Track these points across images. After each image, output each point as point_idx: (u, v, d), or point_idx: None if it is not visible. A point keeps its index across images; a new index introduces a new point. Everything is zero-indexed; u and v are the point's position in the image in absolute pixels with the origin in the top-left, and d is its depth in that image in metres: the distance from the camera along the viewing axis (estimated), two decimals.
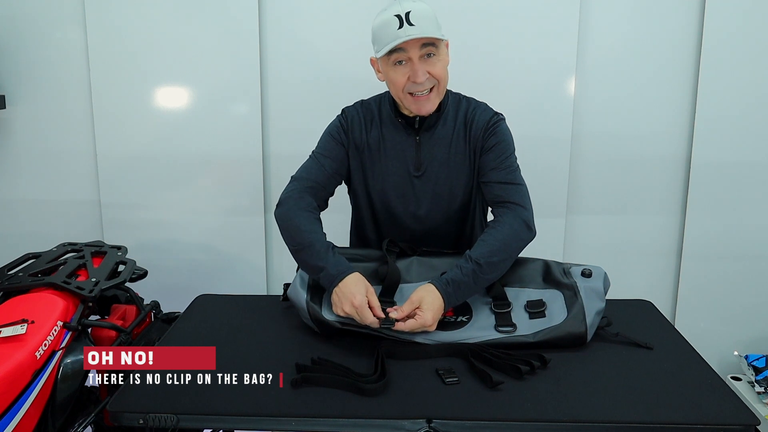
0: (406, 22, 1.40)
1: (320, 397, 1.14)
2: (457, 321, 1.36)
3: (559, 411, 1.11)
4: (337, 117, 1.63)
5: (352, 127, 1.58)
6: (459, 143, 1.56)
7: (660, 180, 2.35)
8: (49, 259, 1.73)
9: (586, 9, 2.22)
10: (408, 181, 1.57)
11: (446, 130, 1.56)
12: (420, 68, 1.44)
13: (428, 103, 1.49)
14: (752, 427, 1.08)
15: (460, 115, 1.57)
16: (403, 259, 1.48)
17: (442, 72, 1.48)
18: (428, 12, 1.44)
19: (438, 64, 1.46)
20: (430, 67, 1.45)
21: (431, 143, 1.55)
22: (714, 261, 2.36)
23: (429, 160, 1.56)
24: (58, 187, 2.40)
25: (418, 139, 1.55)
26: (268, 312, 1.52)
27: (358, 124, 1.58)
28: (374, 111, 1.59)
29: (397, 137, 1.57)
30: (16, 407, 1.25)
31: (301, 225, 1.46)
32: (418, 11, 1.41)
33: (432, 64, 1.45)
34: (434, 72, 1.46)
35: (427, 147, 1.55)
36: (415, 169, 1.56)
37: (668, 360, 1.29)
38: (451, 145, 1.55)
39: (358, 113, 1.60)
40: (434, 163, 1.56)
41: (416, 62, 1.43)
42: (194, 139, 2.33)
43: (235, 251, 2.40)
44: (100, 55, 2.27)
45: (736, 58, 2.22)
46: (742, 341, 2.40)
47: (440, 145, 1.55)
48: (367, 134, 1.58)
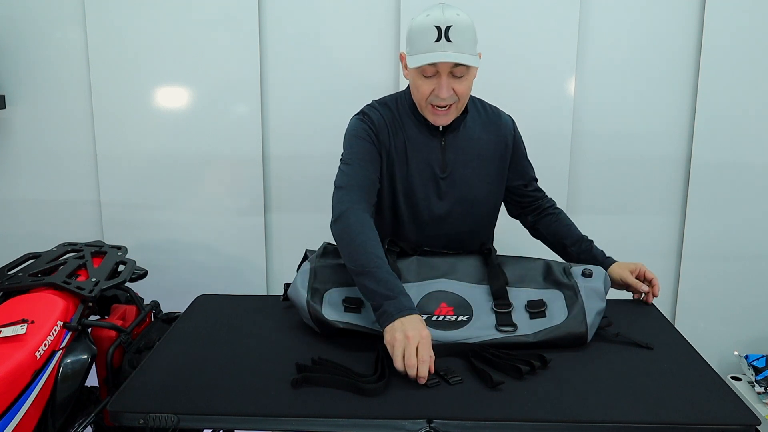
0: (444, 36, 1.37)
1: (320, 397, 1.14)
2: (458, 321, 1.36)
3: (560, 411, 1.11)
4: (359, 119, 1.56)
5: (381, 128, 1.54)
6: (487, 147, 1.58)
7: (660, 180, 2.35)
8: (49, 259, 1.73)
9: (586, 9, 2.22)
10: (434, 182, 1.56)
11: (470, 132, 1.57)
12: (446, 85, 1.42)
13: (446, 117, 1.49)
14: (752, 427, 1.08)
15: (482, 118, 1.59)
16: (403, 259, 1.48)
17: (466, 91, 1.47)
18: (468, 28, 1.40)
19: (465, 83, 1.45)
20: (457, 85, 1.43)
21: (456, 145, 1.56)
22: (714, 261, 2.36)
23: (454, 162, 1.56)
24: (58, 187, 2.40)
25: (443, 141, 1.55)
26: (268, 312, 1.52)
27: (384, 127, 1.54)
28: (395, 113, 1.56)
29: (421, 139, 1.55)
30: (16, 407, 1.25)
31: (367, 245, 1.33)
32: (460, 27, 1.38)
33: (459, 83, 1.44)
34: (459, 90, 1.45)
35: (452, 149, 1.55)
36: (441, 170, 1.56)
37: (668, 360, 1.29)
38: (478, 147, 1.57)
39: (380, 116, 1.55)
40: (459, 165, 1.56)
41: (444, 78, 1.41)
42: (194, 139, 2.33)
43: (235, 251, 2.40)
44: (100, 55, 2.27)
45: (736, 58, 2.22)
46: (742, 341, 2.40)
47: (466, 147, 1.56)
48: (392, 137, 1.54)
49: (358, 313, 1.37)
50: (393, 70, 2.28)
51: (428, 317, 1.36)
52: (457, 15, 1.40)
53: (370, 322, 1.34)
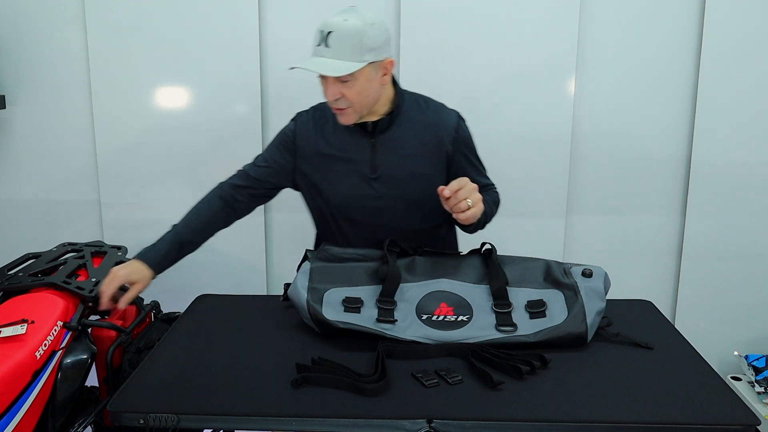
0: (324, 42, 1.37)
1: (320, 397, 1.14)
2: (458, 320, 1.36)
3: (560, 411, 1.11)
4: (290, 122, 1.61)
5: (304, 134, 1.57)
6: (421, 146, 1.54)
7: (660, 180, 2.35)
8: (49, 259, 1.73)
9: (586, 9, 2.22)
10: (366, 182, 1.54)
11: (404, 132, 1.53)
12: (332, 89, 1.41)
13: (344, 117, 1.47)
14: (752, 427, 1.08)
15: (421, 117, 1.55)
16: (403, 258, 1.48)
17: (355, 95, 1.42)
18: (352, 34, 1.35)
19: (353, 88, 1.40)
20: (345, 89, 1.41)
21: (387, 145, 1.53)
22: (714, 261, 2.36)
23: (386, 163, 1.53)
24: (58, 187, 2.40)
25: (373, 141, 1.53)
26: (268, 312, 1.52)
27: (309, 131, 1.56)
28: (328, 115, 1.55)
29: (350, 140, 1.54)
30: (16, 407, 1.25)
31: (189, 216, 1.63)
32: (341, 32, 1.35)
33: (347, 87, 1.40)
34: (347, 94, 1.41)
35: (383, 149, 1.53)
36: (371, 171, 1.54)
37: (668, 360, 1.29)
38: (411, 146, 1.53)
39: (309, 119, 1.58)
40: (390, 165, 1.53)
41: (329, 82, 1.41)
42: (194, 139, 2.33)
43: (235, 251, 2.40)
44: (100, 55, 2.27)
45: (736, 58, 2.22)
46: (742, 341, 2.40)
47: (398, 146, 1.53)
48: (320, 140, 1.55)
49: (358, 313, 1.37)
50: None
51: (428, 317, 1.36)
52: (344, 20, 1.36)
53: (370, 322, 1.34)
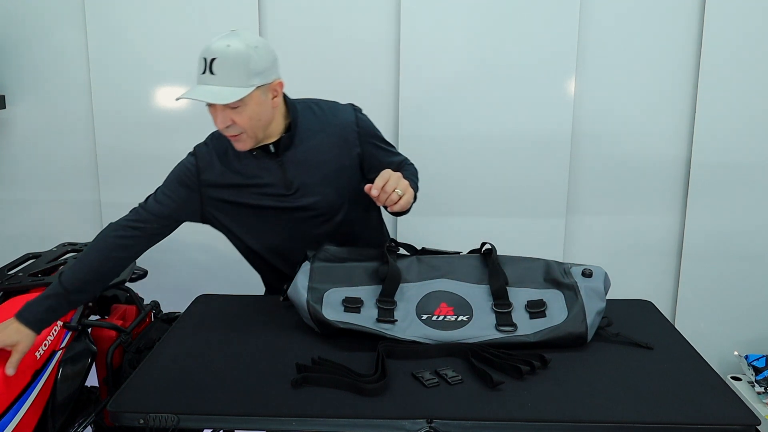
0: (208, 69, 1.31)
1: (320, 397, 1.14)
2: (458, 320, 1.36)
3: (560, 411, 1.11)
4: (188, 157, 1.54)
5: (208, 167, 1.50)
6: (329, 150, 1.51)
7: (660, 180, 2.35)
8: (49, 259, 1.73)
9: (586, 9, 2.22)
10: (284, 201, 1.51)
11: (308, 143, 1.50)
12: (221, 116, 1.35)
13: (240, 143, 1.42)
14: (752, 427, 1.08)
15: (319, 123, 1.52)
16: (403, 259, 1.48)
17: (247, 121, 1.36)
18: (237, 59, 1.30)
19: (243, 114, 1.35)
20: (235, 116, 1.35)
21: (295, 160, 1.50)
22: (714, 261, 2.36)
23: (299, 176, 1.50)
24: (58, 187, 2.40)
25: (280, 160, 1.49)
26: (268, 312, 1.52)
27: (216, 162, 1.50)
28: (226, 144, 1.48)
29: (258, 164, 1.49)
30: (16, 407, 1.25)
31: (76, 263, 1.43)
32: (225, 58, 1.30)
33: (237, 113, 1.35)
34: (238, 121, 1.36)
35: (291, 165, 1.50)
36: (287, 189, 1.50)
37: (668, 360, 1.29)
38: (320, 154, 1.51)
39: (211, 150, 1.52)
40: (305, 176, 1.50)
41: (218, 109, 1.35)
42: (194, 139, 2.30)
43: (235, 251, 2.39)
44: (100, 55, 2.27)
45: (736, 58, 2.22)
46: (742, 341, 2.40)
47: (306, 158, 1.50)
48: (226, 170, 1.50)
49: (358, 314, 1.37)
50: (393, 70, 2.28)
51: (428, 317, 1.36)
52: (227, 46, 1.31)
53: (370, 322, 1.34)
